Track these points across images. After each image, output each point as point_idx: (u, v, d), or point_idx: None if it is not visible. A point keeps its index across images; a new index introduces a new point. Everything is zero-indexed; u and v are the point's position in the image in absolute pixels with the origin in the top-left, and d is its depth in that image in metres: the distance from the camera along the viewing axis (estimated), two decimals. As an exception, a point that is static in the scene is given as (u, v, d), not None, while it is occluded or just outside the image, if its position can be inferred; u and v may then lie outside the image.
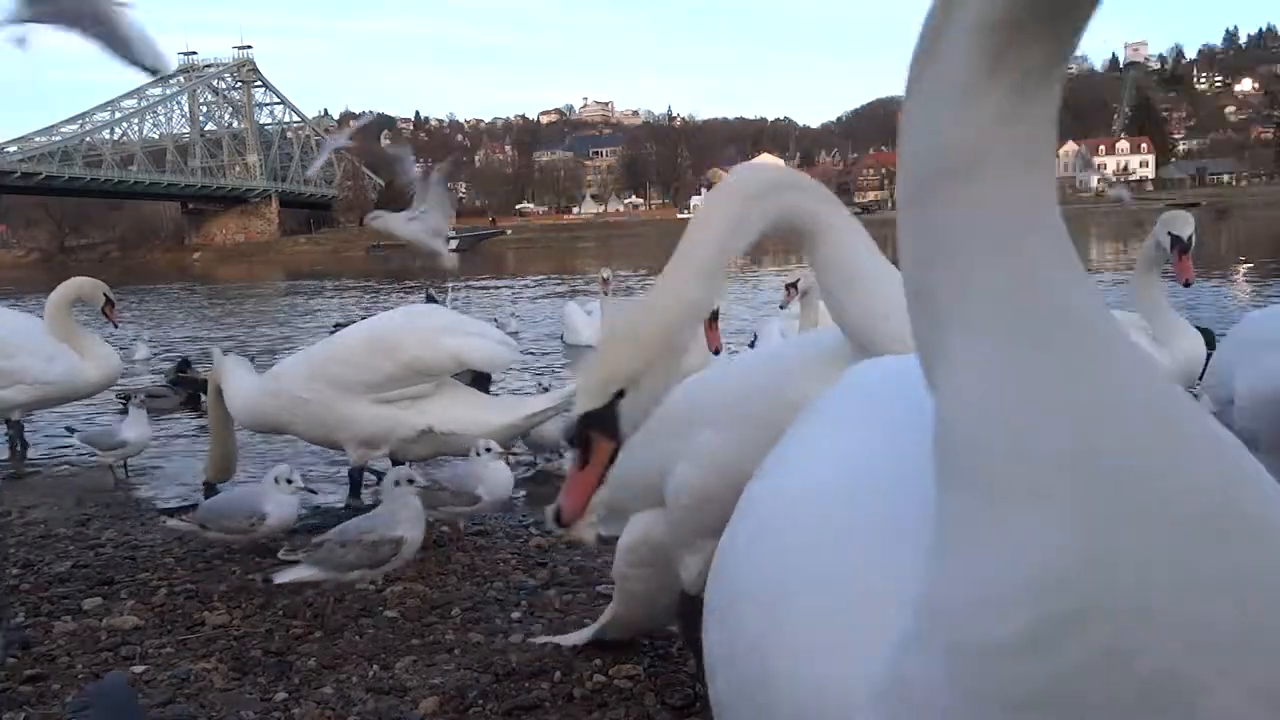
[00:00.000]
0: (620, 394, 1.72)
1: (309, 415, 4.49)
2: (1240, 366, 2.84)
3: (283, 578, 3.25)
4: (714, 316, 4.97)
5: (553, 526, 1.91)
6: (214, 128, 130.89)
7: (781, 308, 8.97)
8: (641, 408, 1.75)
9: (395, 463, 4.91)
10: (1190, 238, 4.66)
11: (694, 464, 2.32)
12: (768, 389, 2.20)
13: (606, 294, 9.99)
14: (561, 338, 11.64)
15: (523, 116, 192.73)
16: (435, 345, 4.45)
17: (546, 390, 5.13)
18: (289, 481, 3.92)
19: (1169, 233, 4.65)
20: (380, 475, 4.65)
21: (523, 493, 4.98)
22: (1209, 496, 0.71)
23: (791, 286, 7.51)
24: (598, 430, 1.72)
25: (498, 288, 25.81)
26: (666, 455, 2.41)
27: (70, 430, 6.36)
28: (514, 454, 5.62)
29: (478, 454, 4.09)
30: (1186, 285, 4.96)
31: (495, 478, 4.01)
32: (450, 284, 7.81)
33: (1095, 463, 0.71)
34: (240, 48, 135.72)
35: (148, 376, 9.85)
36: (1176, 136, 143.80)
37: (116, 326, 7.18)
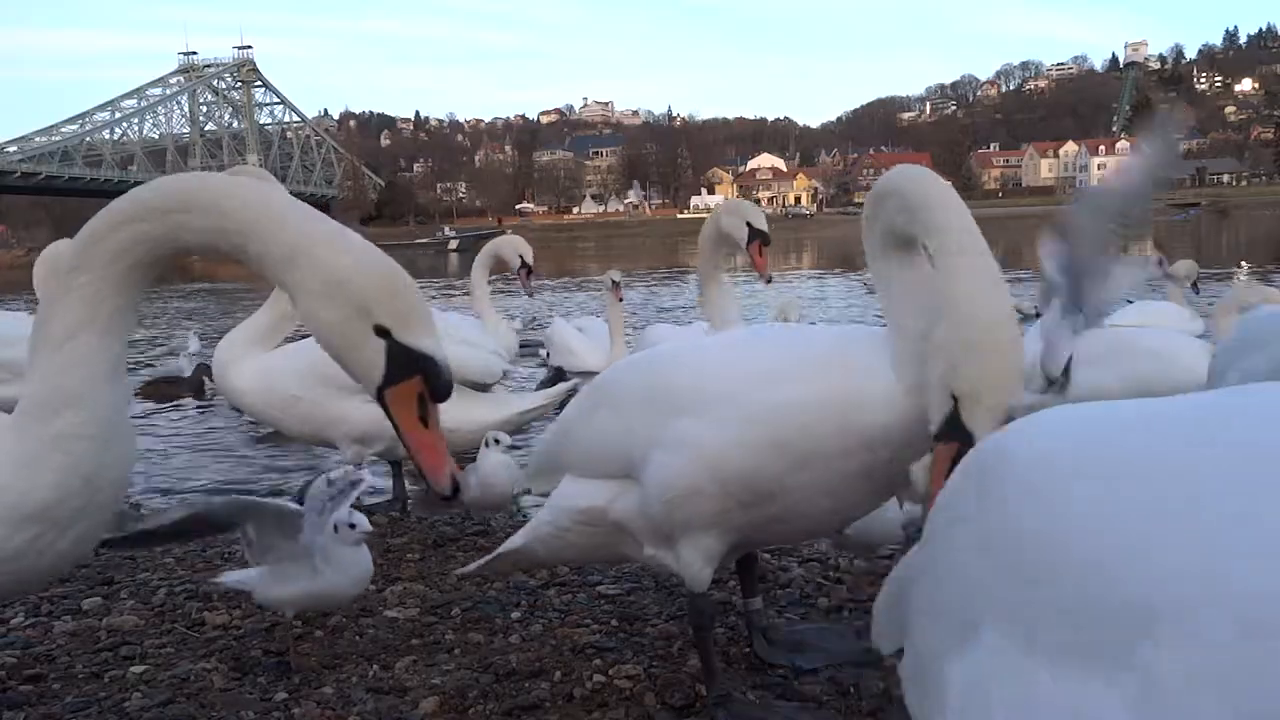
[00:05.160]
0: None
1: (300, 413, 4.45)
2: (1229, 370, 2.85)
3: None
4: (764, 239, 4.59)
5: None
6: (214, 128, 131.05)
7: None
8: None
9: (390, 462, 4.89)
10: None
11: (679, 457, 2.22)
12: (786, 396, 2.14)
13: (619, 300, 9.15)
14: (546, 358, 9.46)
15: (523, 116, 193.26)
16: None
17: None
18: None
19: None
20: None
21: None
22: None
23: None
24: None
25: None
26: (636, 433, 2.32)
27: None
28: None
29: (486, 445, 4.14)
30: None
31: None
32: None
33: None
34: (240, 48, 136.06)
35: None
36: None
37: None
